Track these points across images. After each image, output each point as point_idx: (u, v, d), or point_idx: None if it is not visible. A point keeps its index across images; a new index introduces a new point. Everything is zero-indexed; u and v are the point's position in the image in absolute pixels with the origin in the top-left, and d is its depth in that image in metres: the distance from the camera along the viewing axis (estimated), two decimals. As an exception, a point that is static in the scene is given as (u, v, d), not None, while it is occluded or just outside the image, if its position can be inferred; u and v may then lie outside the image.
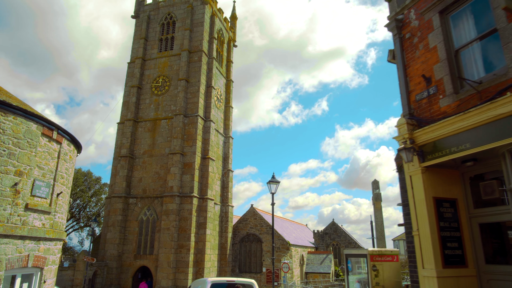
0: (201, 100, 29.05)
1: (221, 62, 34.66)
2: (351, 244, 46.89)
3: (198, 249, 25.91)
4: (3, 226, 9.57)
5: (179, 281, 24.19)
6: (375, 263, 9.01)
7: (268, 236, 31.89)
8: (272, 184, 14.50)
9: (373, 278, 8.83)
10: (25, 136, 10.61)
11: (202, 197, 27.13)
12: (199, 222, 26.53)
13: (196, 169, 26.90)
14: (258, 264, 31.70)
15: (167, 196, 25.58)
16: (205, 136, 28.84)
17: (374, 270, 8.82)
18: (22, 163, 10.39)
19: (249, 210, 33.61)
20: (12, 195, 9.99)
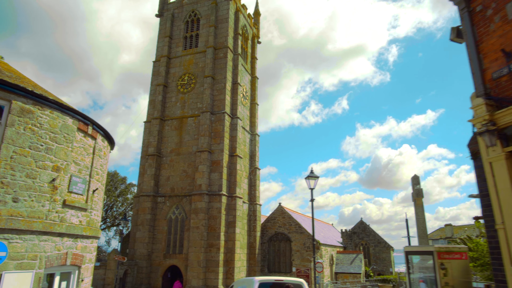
0: (228, 97, 28.59)
1: (245, 58, 34.13)
2: (381, 244, 45.43)
3: (227, 248, 25.43)
4: (42, 222, 9.27)
5: (209, 281, 23.78)
6: (443, 261, 8.16)
7: (297, 235, 31.09)
8: (310, 180, 13.78)
9: (442, 277, 7.99)
10: (62, 131, 10.32)
11: (231, 195, 26.65)
12: (228, 220, 26.05)
13: (224, 167, 26.45)
14: (288, 263, 30.96)
15: (196, 194, 25.23)
16: (232, 133, 28.36)
17: (443, 269, 7.97)
18: (59, 159, 10.10)
19: (277, 208, 32.92)
20: (50, 191, 9.70)
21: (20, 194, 8.87)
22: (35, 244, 9.11)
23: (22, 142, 9.09)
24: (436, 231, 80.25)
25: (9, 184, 8.65)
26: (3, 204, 8.48)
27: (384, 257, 44.40)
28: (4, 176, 8.56)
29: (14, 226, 8.52)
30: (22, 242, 8.78)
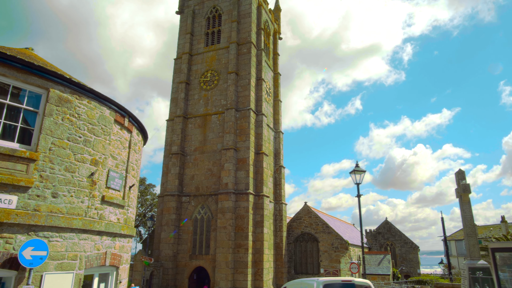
0: (252, 93, 27.83)
1: (268, 54, 33.35)
2: (407, 244, 43.94)
3: (255, 248, 24.63)
4: (82, 220, 8.63)
5: (238, 283, 23.01)
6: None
7: (324, 235, 30.07)
8: (356, 174, 12.86)
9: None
10: (99, 122, 9.68)
11: (258, 194, 25.85)
12: (256, 220, 25.26)
13: (250, 164, 25.67)
14: (315, 264, 29.96)
15: (222, 193, 24.51)
16: (258, 130, 27.58)
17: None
18: (97, 152, 9.46)
19: (302, 208, 31.97)
20: (89, 186, 9.06)
21: (59, 189, 8.24)
22: (75, 243, 8.48)
23: (61, 133, 8.47)
24: (459, 231, 77.80)
25: (48, 178, 8.03)
26: (42, 200, 7.86)
27: (411, 257, 42.91)
28: (43, 169, 7.94)
29: (54, 223, 7.89)
30: (62, 240, 8.14)
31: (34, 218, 7.49)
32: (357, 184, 12.89)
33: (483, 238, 67.37)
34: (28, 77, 8.04)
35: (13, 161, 7.46)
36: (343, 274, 28.90)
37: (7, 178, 7.25)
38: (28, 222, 7.38)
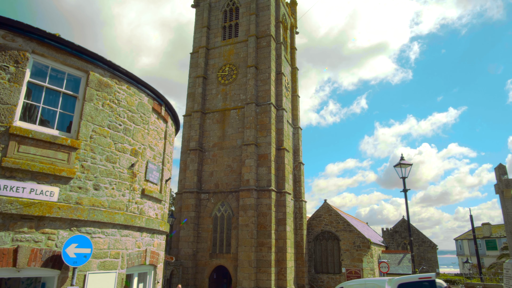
0: (272, 88, 27.06)
1: (285, 48, 32.54)
2: (425, 243, 42.93)
3: (278, 247, 23.89)
4: (124, 215, 7.94)
5: (261, 282, 22.29)
6: None
7: (346, 233, 29.24)
8: (402, 167, 12.05)
9: None
10: (138, 110, 8.99)
11: (280, 191, 25.10)
12: (278, 218, 24.51)
13: (272, 161, 24.92)
14: (336, 263, 29.14)
15: (244, 190, 23.80)
16: (278, 125, 26.81)
17: None
18: (136, 141, 8.77)
19: (322, 206, 31.15)
20: (129, 178, 8.37)
21: (101, 181, 7.56)
22: (117, 240, 7.79)
23: (101, 120, 7.78)
24: (471, 231, 76.36)
25: (89, 168, 7.34)
26: (84, 192, 7.17)
27: (430, 257, 41.90)
28: (84, 158, 7.25)
29: (97, 218, 7.21)
30: (104, 237, 7.46)
31: (77, 212, 6.82)
32: (403, 178, 12.08)
33: (490, 238, 65.81)
34: (68, 58, 7.35)
35: (54, 149, 6.78)
36: (366, 274, 28.08)
37: (49, 167, 6.57)
38: (70, 216, 6.71)
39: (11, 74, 6.47)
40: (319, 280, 28.98)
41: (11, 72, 6.48)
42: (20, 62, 6.62)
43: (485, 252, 65.78)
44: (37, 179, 6.45)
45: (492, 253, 63.46)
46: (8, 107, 6.35)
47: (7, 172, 6.12)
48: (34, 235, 6.26)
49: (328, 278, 28.69)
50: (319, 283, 28.87)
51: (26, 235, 6.17)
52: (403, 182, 12.10)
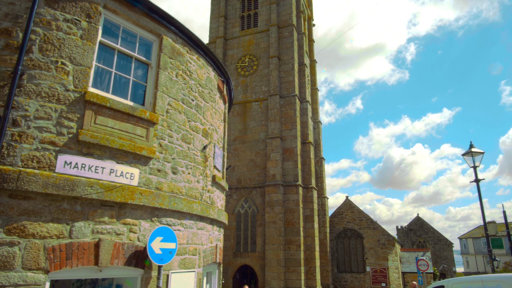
0: (296, 79, 25.95)
1: (305, 40, 31.43)
2: (441, 241, 42.09)
3: (306, 245, 22.79)
4: (200, 204, 6.80)
5: (290, 282, 21.18)
6: None
7: (369, 231, 28.23)
8: (475, 156, 10.99)
9: None
10: (207, 85, 7.85)
11: (306, 186, 24.00)
12: (305, 214, 23.41)
13: (298, 155, 23.81)
14: (360, 262, 28.10)
15: (270, 185, 22.66)
16: (303, 119, 25.72)
17: None
18: (207, 121, 7.63)
19: (344, 202, 30.09)
20: (202, 162, 7.23)
21: (178, 163, 6.41)
22: (194, 234, 6.66)
23: (176, 92, 6.64)
24: (476, 229, 75.80)
25: (167, 148, 6.20)
26: (163, 176, 6.03)
27: (446, 255, 41.07)
28: (161, 136, 6.11)
29: (177, 207, 6.07)
30: (183, 229, 6.32)
31: (158, 199, 5.67)
32: (474, 167, 11.05)
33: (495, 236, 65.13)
34: (140, 17, 6.19)
35: (132, 123, 5.63)
36: (391, 273, 27.09)
37: (129, 144, 5.42)
38: (152, 204, 5.56)
39: (83, 30, 5.31)
40: (342, 279, 27.94)
41: (83, 27, 5.32)
42: (92, 17, 5.45)
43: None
44: (116, 158, 5.29)
45: (498, 252, 62.91)
46: (82, 69, 5.18)
47: (84, 148, 4.96)
48: (115, 226, 5.10)
49: (352, 277, 27.66)
50: (342, 283, 27.83)
51: (107, 226, 5.01)
52: (474, 171, 11.04)
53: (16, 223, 4.24)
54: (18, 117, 4.53)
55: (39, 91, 4.73)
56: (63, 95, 4.91)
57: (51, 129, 4.72)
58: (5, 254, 4.11)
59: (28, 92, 4.65)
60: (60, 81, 4.92)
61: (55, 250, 4.44)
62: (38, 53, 4.83)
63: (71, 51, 5.10)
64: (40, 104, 4.70)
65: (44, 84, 4.79)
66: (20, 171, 4.31)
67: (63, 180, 4.57)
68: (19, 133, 4.50)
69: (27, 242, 4.27)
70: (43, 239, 4.39)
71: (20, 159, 4.44)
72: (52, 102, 4.80)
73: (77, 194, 4.65)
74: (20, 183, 4.26)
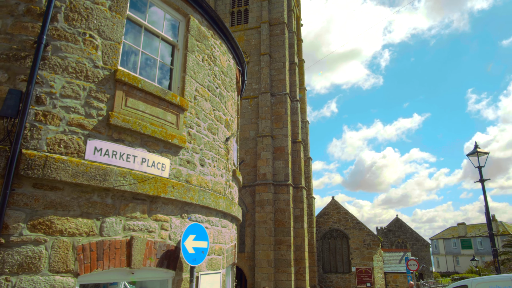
0: (287, 78, 25.68)
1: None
2: (419, 242, 43.14)
3: (296, 245, 22.52)
4: (225, 200, 6.30)
5: (280, 283, 20.83)
6: None
7: (355, 231, 28.37)
8: (480, 155, 11.04)
9: None
10: (228, 73, 7.34)
11: (297, 186, 23.76)
12: (295, 214, 23.15)
13: (288, 154, 23.53)
14: (346, 262, 28.19)
15: (261, 184, 22.24)
16: (293, 117, 25.48)
17: None
18: (228, 111, 7.13)
19: (330, 203, 30.12)
20: (225, 155, 6.73)
21: (205, 155, 5.90)
22: (219, 232, 6.15)
23: (203, 78, 6.11)
24: (447, 230, 78.65)
25: (195, 138, 5.67)
26: (192, 167, 5.50)
27: (423, 255, 42.10)
28: (190, 124, 5.58)
29: (205, 202, 5.55)
30: (210, 227, 5.80)
31: (189, 194, 5.14)
32: (479, 167, 11.11)
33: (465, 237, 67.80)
34: (168, -7, 5.62)
35: (163, 108, 5.06)
36: (376, 273, 27.34)
37: (160, 131, 4.86)
38: (183, 198, 5.02)
39: (111, 1, 4.69)
40: (327, 280, 27.92)
41: (112, -2, 4.70)
42: (121, -13, 4.84)
43: (460, 251, 67.73)
44: (147, 145, 4.71)
45: (467, 252, 65.44)
46: (112, 44, 4.57)
47: (115, 133, 4.36)
48: (147, 223, 4.52)
49: (337, 277, 27.70)
50: (327, 283, 27.81)
51: (139, 222, 4.42)
52: (480, 171, 11.11)
53: (42, 218, 3.60)
54: (43, 94, 3.88)
55: (65, 66, 4.09)
56: (92, 72, 4.28)
57: (79, 110, 4.09)
58: (29, 254, 3.47)
59: (53, 66, 4.01)
60: (88, 56, 4.29)
61: (85, 250, 3.82)
62: (64, 22, 4.19)
63: (99, 23, 4.48)
64: (67, 80, 4.06)
65: (71, 58, 4.15)
66: (47, 156, 3.67)
67: (94, 168, 3.96)
68: (44, 113, 3.85)
69: (54, 240, 3.64)
70: (71, 236, 3.76)
71: (45, 143, 3.80)
72: (80, 79, 4.17)
73: (109, 185, 4.04)
74: (47, 170, 3.62)
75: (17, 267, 3.38)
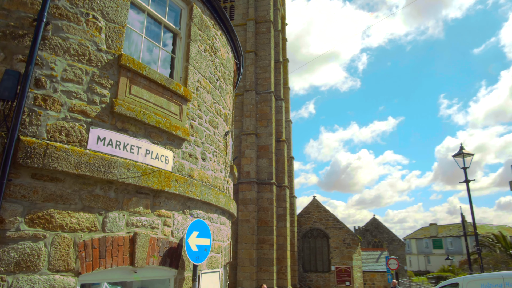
0: (272, 76, 25.60)
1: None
2: (395, 241, 44.17)
3: (279, 244, 22.46)
4: (224, 196, 6.10)
5: (262, 282, 20.69)
6: None
7: (335, 230, 28.64)
8: (466, 157, 11.30)
9: None
10: (227, 66, 7.13)
11: (280, 185, 23.71)
12: (278, 213, 23.09)
13: (273, 152, 23.44)
14: (325, 261, 28.40)
15: (244, 183, 22.02)
16: (277, 116, 25.41)
17: None
18: (227, 105, 6.93)
19: (311, 202, 30.29)
20: (224, 150, 6.52)
21: (207, 149, 5.68)
22: (218, 229, 5.95)
23: (205, 69, 5.88)
24: (419, 230, 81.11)
25: (197, 130, 5.45)
26: (194, 161, 5.27)
27: (399, 254, 43.09)
28: (192, 116, 5.35)
29: (206, 197, 5.34)
30: (210, 224, 5.60)
31: (192, 189, 4.90)
32: (464, 168, 11.38)
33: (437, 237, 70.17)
34: (172, -22, 5.35)
35: (167, 98, 4.81)
36: (355, 272, 27.72)
37: (165, 122, 4.61)
38: (186, 193, 4.78)
39: (115, -19, 4.39)
40: (307, 279, 28.07)
41: (116, -22, 4.40)
42: (125, -33, 4.54)
43: (432, 250, 70.03)
44: (151, 136, 4.45)
45: (438, 252, 67.74)
46: (116, 27, 4.27)
47: (119, 122, 4.08)
48: (150, 218, 4.26)
49: (317, 276, 27.88)
50: (307, 282, 27.96)
51: (142, 217, 4.16)
52: (465, 172, 11.38)
53: (41, 212, 3.29)
54: (42, 77, 3.55)
55: (67, 47, 3.77)
56: (95, 55, 3.98)
57: (81, 96, 3.78)
58: (27, 251, 3.15)
59: (54, 47, 3.68)
60: (91, 38, 3.98)
61: (87, 247, 3.53)
62: (66, 0, 3.86)
63: (103, 4, 4.17)
64: (68, 63, 3.75)
65: (73, 39, 3.84)
66: (48, 144, 3.35)
67: (97, 159, 3.66)
68: (44, 97, 3.53)
69: (54, 236, 3.33)
70: (73, 232, 3.46)
71: (45, 130, 3.48)
72: (82, 62, 3.86)
73: (112, 177, 3.76)
74: (48, 159, 3.31)
75: (13, 266, 3.06)
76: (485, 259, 28.78)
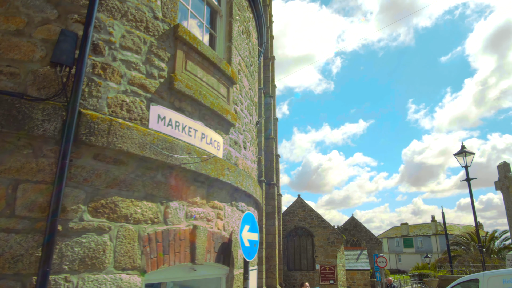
0: (262, 73, 25.27)
1: (265, 35, 31.00)
2: (372, 240, 45.05)
3: (267, 242, 22.15)
4: (259, 189, 5.69)
5: (251, 281, 20.33)
6: None
7: (320, 229, 28.70)
8: (467, 155, 11.44)
9: None
10: (255, 51, 6.72)
11: (269, 183, 23.39)
12: (267, 211, 22.77)
13: (262, 150, 23.10)
14: (310, 260, 28.39)
15: (234, 180, 21.56)
16: (267, 113, 25.10)
17: None
18: (255, 93, 6.52)
19: (296, 201, 30.21)
20: (256, 139, 6.10)
21: (246, 137, 5.35)
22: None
23: (243, 51, 5.49)
24: (391, 229, 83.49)
25: (239, 117, 5.12)
26: (238, 149, 4.92)
27: (377, 253, 44.07)
28: (235, 101, 4.95)
29: (249, 189, 4.99)
30: (250, 218, 5.15)
31: (239, 178, 4.50)
32: (466, 167, 11.53)
33: (407, 236, 72.53)
34: (215, -51, 4.91)
35: (217, 78, 4.37)
36: (339, 271, 27.91)
37: (217, 104, 4.17)
38: (236, 184, 4.38)
39: None
40: (291, 277, 27.95)
41: None
42: None
43: (402, 249, 72.19)
44: (204, 119, 4.00)
45: (408, 250, 69.96)
46: (170, -6, 3.79)
47: (177, 101, 3.61)
48: (206, 210, 3.82)
49: (301, 275, 27.82)
50: (291, 281, 27.84)
51: (199, 209, 3.71)
52: (466, 171, 11.55)
53: (105, 199, 2.78)
54: (101, 42, 3.03)
55: (124, 11, 3.26)
56: (152, 23, 3.48)
57: (140, 67, 3.29)
58: (92, 246, 2.64)
59: (111, 9, 3.16)
60: (148, 4, 3.48)
61: (151, 241, 3.04)
62: (121, -43, 3.35)
63: (158, -34, 3.68)
64: (126, 29, 3.24)
65: (130, 2, 3.33)
66: (111, 120, 2.84)
67: (161, 140, 3.18)
68: (103, 65, 3.01)
69: (119, 227, 2.83)
70: (137, 224, 2.97)
71: (106, 103, 2.96)
72: (140, 29, 3.35)
73: (175, 162, 3.28)
74: (112, 138, 2.80)
75: (78, 263, 2.54)
76: (463, 257, 29.84)
